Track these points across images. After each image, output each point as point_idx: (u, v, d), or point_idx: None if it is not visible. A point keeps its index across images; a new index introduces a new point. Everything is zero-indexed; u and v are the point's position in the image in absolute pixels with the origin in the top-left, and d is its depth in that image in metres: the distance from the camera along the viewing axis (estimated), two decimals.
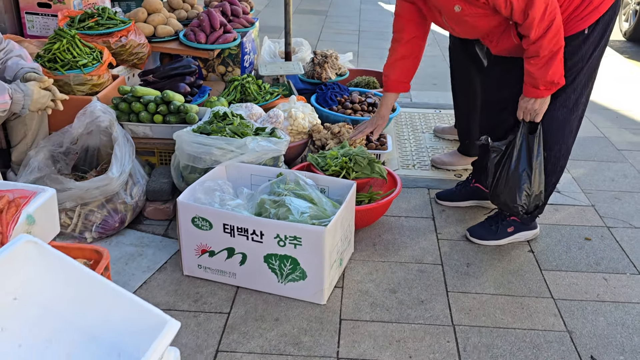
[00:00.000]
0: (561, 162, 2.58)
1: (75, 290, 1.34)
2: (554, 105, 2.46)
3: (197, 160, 2.60)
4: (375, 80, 4.24)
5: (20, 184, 1.91)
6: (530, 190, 2.53)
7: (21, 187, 1.82)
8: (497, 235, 2.69)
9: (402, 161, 3.52)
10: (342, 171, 2.75)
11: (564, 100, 2.45)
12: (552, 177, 2.60)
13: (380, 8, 8.29)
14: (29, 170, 2.70)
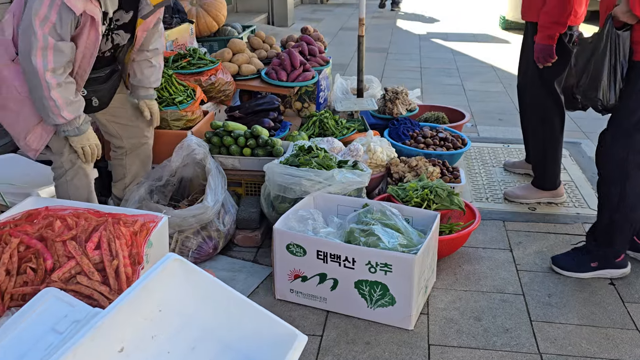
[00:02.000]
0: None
1: (213, 303, 1.48)
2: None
3: (288, 190, 2.77)
4: (444, 116, 4.36)
5: (144, 211, 2.11)
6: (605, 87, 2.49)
7: (146, 212, 2.01)
8: (580, 268, 2.73)
9: (474, 194, 3.61)
10: (424, 203, 2.86)
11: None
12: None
13: (438, 45, 8.45)
14: (130, 203, 2.91)
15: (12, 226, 1.68)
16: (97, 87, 2.66)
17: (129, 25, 2.56)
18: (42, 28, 2.21)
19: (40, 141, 2.46)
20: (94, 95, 2.66)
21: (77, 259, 1.57)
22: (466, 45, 8.34)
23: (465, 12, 11.59)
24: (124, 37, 2.59)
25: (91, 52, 2.41)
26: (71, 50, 2.32)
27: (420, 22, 10.47)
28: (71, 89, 2.36)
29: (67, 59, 2.31)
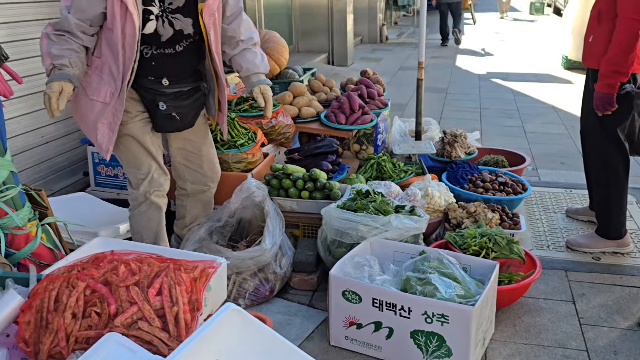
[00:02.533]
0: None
1: (269, 356, 1.49)
2: None
3: (345, 235, 2.78)
4: (504, 160, 4.30)
5: (203, 254, 2.16)
6: None
7: (205, 257, 2.06)
8: None
9: (535, 241, 3.51)
10: (482, 251, 2.81)
11: None
12: None
13: (498, 85, 8.38)
14: (189, 243, 2.98)
15: (79, 269, 1.75)
16: (178, 104, 2.63)
17: (186, 9, 2.49)
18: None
19: (107, 141, 2.52)
20: (175, 110, 2.63)
21: (139, 304, 1.62)
22: (527, 85, 8.23)
23: (526, 50, 11.47)
24: (185, 23, 2.50)
25: (131, 32, 2.37)
26: (76, 25, 2.37)
27: (479, 60, 10.41)
28: (62, 43, 2.37)
29: (66, 27, 2.37)
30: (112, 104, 2.48)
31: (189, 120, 2.71)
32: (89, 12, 2.39)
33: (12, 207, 2.17)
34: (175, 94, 2.61)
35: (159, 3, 2.45)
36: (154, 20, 2.45)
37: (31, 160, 3.30)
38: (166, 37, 2.50)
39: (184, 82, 2.64)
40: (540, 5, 19.23)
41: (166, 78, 2.58)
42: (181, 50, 2.58)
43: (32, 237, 2.24)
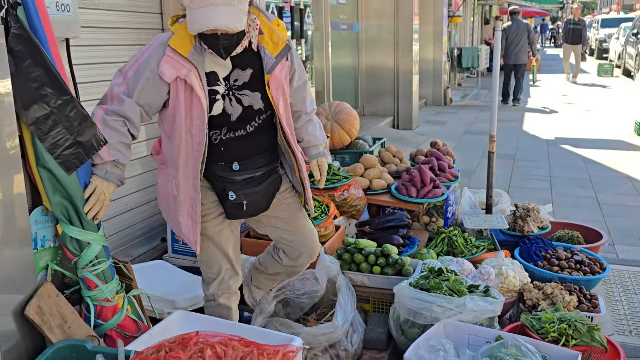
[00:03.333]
0: None
1: None
2: None
3: (418, 315, 2.75)
4: (579, 235, 4.18)
5: (280, 333, 2.19)
6: None
7: (283, 338, 2.08)
8: None
9: (616, 326, 3.36)
10: (561, 337, 2.71)
11: None
12: None
13: (568, 152, 8.21)
14: (263, 314, 3.02)
15: (167, 350, 1.80)
16: (249, 191, 2.45)
17: (253, 83, 2.35)
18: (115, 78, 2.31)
19: (193, 232, 2.40)
20: (245, 199, 2.45)
21: None
22: (599, 152, 8.03)
23: (596, 115, 11.24)
24: (254, 98, 2.35)
25: (199, 115, 2.25)
26: (135, 109, 2.25)
27: (547, 125, 10.26)
28: (122, 137, 2.25)
29: (127, 112, 2.24)
30: (186, 195, 2.37)
31: (261, 206, 2.55)
32: (151, 97, 2.28)
33: (102, 280, 2.27)
34: (246, 180, 2.45)
35: (224, 82, 2.32)
36: (221, 100, 2.31)
37: (114, 228, 3.46)
38: (236, 115, 2.35)
39: (256, 166, 2.47)
40: (609, 67, 18.89)
41: (237, 162, 2.42)
42: (252, 131, 2.41)
43: (118, 309, 2.32)
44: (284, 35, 2.39)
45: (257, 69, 2.34)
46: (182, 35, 2.23)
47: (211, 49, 2.22)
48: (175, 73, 2.21)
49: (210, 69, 2.29)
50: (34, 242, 2.13)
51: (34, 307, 1.99)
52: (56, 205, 2.17)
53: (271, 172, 2.55)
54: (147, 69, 2.23)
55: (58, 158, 2.06)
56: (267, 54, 2.33)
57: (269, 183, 2.53)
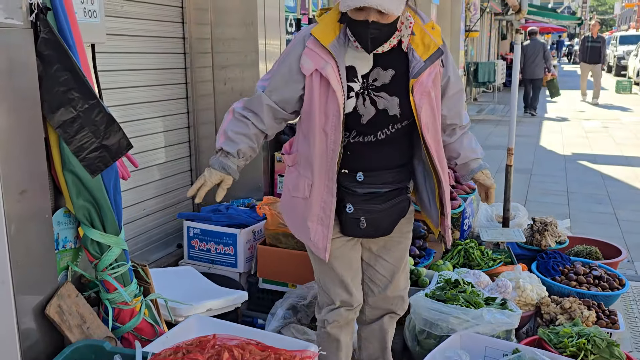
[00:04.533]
0: None
1: None
2: None
3: (434, 326, 2.74)
4: (598, 251, 4.13)
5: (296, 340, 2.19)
6: None
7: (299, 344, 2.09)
8: None
9: (635, 343, 3.32)
10: (580, 352, 2.68)
11: None
12: None
13: (585, 167, 8.15)
14: (276, 318, 3.04)
15: (184, 352, 1.81)
16: (369, 207, 2.21)
17: (393, 87, 2.11)
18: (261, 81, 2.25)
19: (323, 238, 2.19)
20: (364, 215, 2.21)
21: None
22: (617, 168, 7.96)
23: (614, 132, 11.15)
24: (390, 103, 2.11)
25: (334, 112, 2.07)
26: (269, 107, 2.18)
27: (564, 141, 10.20)
28: (241, 126, 2.21)
29: (256, 106, 2.20)
30: (318, 197, 2.17)
31: (382, 228, 2.28)
32: (285, 93, 2.18)
33: (121, 283, 2.29)
34: (369, 195, 2.20)
35: (361, 79, 2.11)
36: (354, 98, 2.11)
37: (131, 233, 3.48)
38: (367, 117, 2.12)
39: (383, 181, 2.21)
40: (627, 83, 18.75)
41: (362, 172, 2.18)
42: (383, 139, 2.16)
43: (136, 313, 2.34)
44: (437, 39, 2.15)
45: (400, 71, 2.12)
46: (327, 25, 2.10)
47: (357, 39, 2.05)
48: (313, 66, 2.07)
49: (350, 63, 2.11)
50: (56, 243, 2.16)
51: (55, 307, 2.02)
52: (79, 208, 2.20)
53: (399, 191, 2.27)
54: (286, 63, 2.16)
55: (83, 161, 2.09)
56: (415, 57, 2.10)
57: (395, 204, 2.25)
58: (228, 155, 2.20)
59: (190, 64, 3.94)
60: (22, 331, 1.95)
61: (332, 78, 2.05)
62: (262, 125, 2.22)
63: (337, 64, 2.06)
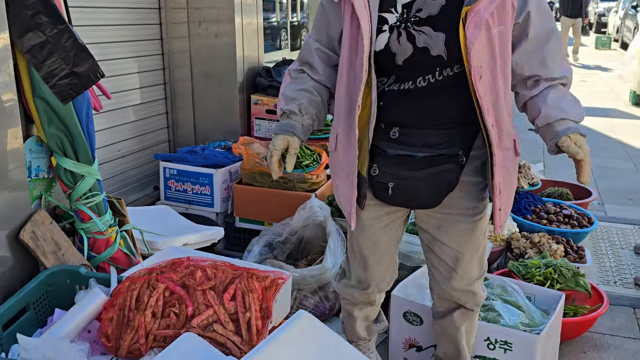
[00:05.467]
0: None
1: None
2: None
3: (406, 258, 2.80)
4: (569, 192, 4.23)
5: (270, 267, 2.23)
6: None
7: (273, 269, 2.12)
8: None
9: (601, 276, 3.43)
10: (546, 282, 2.77)
11: None
12: None
13: None
14: (252, 255, 3.09)
15: (158, 272, 1.84)
16: (400, 172, 1.77)
17: (442, 20, 1.66)
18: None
19: (349, 202, 1.88)
20: (393, 181, 1.79)
21: (214, 308, 1.69)
22: (593, 119, 8.05)
23: (592, 86, 11.24)
24: (435, 40, 1.66)
25: (361, 45, 1.69)
26: (317, 51, 1.88)
27: None
28: (298, 83, 1.89)
29: (307, 56, 1.91)
30: (346, 150, 1.83)
31: (420, 199, 1.83)
32: (326, 29, 1.87)
33: (96, 213, 2.30)
34: (401, 158, 1.77)
35: (402, 10, 1.70)
36: (387, 32, 1.70)
37: (107, 174, 3.47)
38: (403, 57, 1.70)
39: (421, 143, 1.75)
40: (607, 39, 18.82)
41: (398, 128, 1.77)
42: (425, 87, 1.71)
43: (111, 242, 2.36)
44: None
45: (453, 0, 1.66)
46: None
47: None
48: None
49: None
50: (28, 171, 2.15)
51: (29, 232, 2.03)
52: (51, 136, 2.19)
53: (445, 159, 1.76)
54: None
55: (53, 87, 2.07)
56: None
57: (434, 173, 1.75)
58: (290, 115, 1.85)
59: (164, 3, 3.87)
60: None
61: (357, 3, 1.69)
62: (317, 75, 1.89)
63: None
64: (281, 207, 3.23)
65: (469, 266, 1.96)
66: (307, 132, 1.89)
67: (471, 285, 2.00)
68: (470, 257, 1.94)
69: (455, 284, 1.98)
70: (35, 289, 1.94)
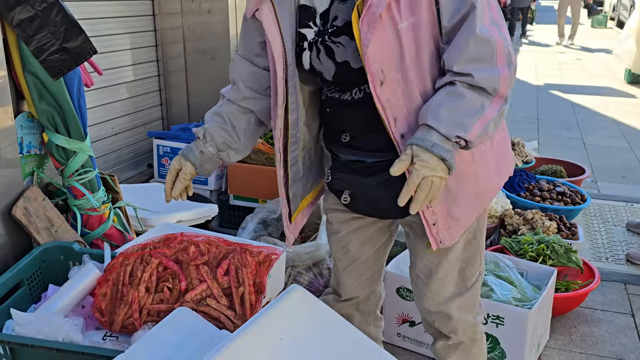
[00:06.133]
0: None
1: (332, 337, 1.54)
2: None
3: (400, 234, 2.80)
4: (562, 170, 4.24)
5: (264, 243, 2.24)
6: None
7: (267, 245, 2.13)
8: None
9: (593, 253, 3.45)
10: (539, 258, 2.79)
11: None
12: None
13: (556, 97, 8.23)
14: (246, 232, 3.09)
15: (152, 248, 1.84)
16: (353, 178, 1.60)
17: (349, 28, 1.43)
18: None
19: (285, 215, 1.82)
20: (348, 188, 1.63)
21: (208, 282, 1.70)
22: (587, 98, 8.06)
23: (587, 64, 11.21)
24: (349, 48, 1.47)
25: (275, 68, 1.55)
26: (241, 68, 1.71)
27: (537, 72, 10.24)
28: (218, 104, 1.76)
29: (233, 74, 1.73)
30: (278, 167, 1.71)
31: (383, 208, 1.62)
32: (251, 44, 1.67)
33: (89, 190, 2.29)
34: (352, 163, 1.59)
35: (320, 22, 1.51)
36: (307, 50, 1.54)
37: (100, 151, 3.46)
38: (329, 74, 1.53)
39: (370, 148, 1.56)
40: (603, 18, 18.74)
41: (348, 133, 1.58)
42: (362, 98, 1.51)
43: (105, 219, 2.35)
44: None
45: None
46: None
47: None
48: (255, 5, 1.56)
49: (305, 1, 1.53)
50: (20, 147, 2.13)
51: (21, 208, 2.02)
52: (42, 112, 2.17)
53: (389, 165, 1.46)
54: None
55: (44, 63, 2.05)
56: None
57: (390, 179, 1.42)
58: (195, 139, 1.75)
59: None
60: None
61: (267, 24, 1.52)
62: (240, 98, 1.70)
63: (273, 3, 1.52)
64: (275, 184, 3.15)
65: (443, 284, 1.67)
66: (210, 160, 1.74)
67: (448, 307, 1.68)
68: (445, 273, 1.66)
69: (427, 304, 1.71)
70: (29, 265, 1.93)
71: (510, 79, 1.39)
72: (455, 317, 1.69)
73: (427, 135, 1.36)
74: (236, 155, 1.76)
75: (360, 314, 1.93)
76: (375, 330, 1.98)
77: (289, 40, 1.53)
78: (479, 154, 1.54)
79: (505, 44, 1.38)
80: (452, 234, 1.57)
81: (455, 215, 1.55)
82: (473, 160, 1.53)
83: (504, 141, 1.69)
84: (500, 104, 1.39)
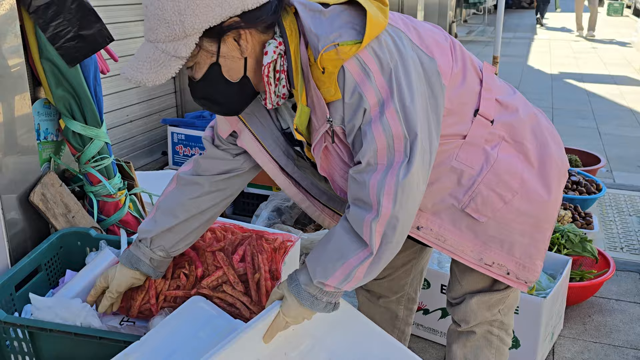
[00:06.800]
0: None
1: (343, 328, 1.54)
2: None
3: None
4: (578, 159, 4.21)
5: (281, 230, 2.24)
6: None
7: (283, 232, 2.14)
8: None
9: (608, 243, 3.43)
10: (554, 247, 2.78)
11: None
12: None
13: (572, 86, 8.14)
14: (260, 219, 3.10)
15: None
16: None
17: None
18: None
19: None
20: None
21: (224, 269, 1.71)
22: (603, 87, 7.96)
23: (603, 53, 11.08)
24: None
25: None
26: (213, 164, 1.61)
27: (552, 60, 10.14)
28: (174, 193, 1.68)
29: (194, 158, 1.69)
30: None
31: None
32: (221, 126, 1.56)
33: (105, 176, 2.31)
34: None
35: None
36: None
37: (115, 138, 3.48)
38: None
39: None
40: (619, 6, 18.47)
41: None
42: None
43: (120, 206, 2.37)
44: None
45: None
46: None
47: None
48: (230, 127, 1.52)
49: (284, 125, 1.50)
50: (37, 133, 2.15)
51: (38, 194, 2.04)
52: (59, 98, 2.18)
53: None
54: None
55: (60, 49, 2.06)
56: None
57: None
58: (140, 242, 1.64)
59: None
60: (8, 220, 1.98)
61: (251, 150, 1.51)
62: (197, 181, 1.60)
63: (250, 129, 1.48)
64: None
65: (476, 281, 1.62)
66: (163, 262, 1.65)
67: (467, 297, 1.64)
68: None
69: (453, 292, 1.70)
70: (47, 250, 1.95)
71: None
72: (472, 309, 1.64)
73: (295, 278, 1.38)
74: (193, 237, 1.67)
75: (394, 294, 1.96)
76: (406, 312, 2.00)
77: (282, 159, 1.51)
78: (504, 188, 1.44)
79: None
80: (532, 270, 1.50)
81: (519, 255, 1.48)
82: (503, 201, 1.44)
83: (539, 146, 1.52)
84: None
